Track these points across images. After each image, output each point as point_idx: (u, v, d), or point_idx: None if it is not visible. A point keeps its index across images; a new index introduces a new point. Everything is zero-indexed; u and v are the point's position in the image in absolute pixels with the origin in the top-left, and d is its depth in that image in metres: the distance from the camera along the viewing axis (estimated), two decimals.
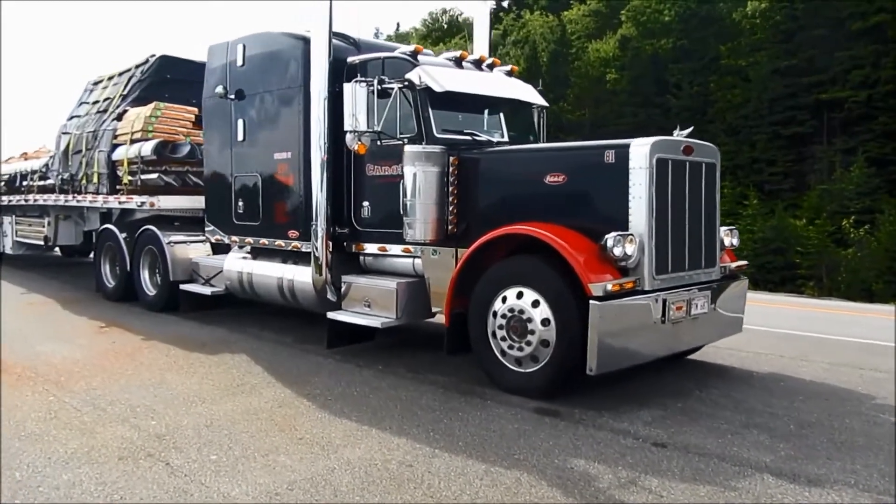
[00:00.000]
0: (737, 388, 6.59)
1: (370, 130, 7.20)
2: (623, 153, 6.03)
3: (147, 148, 10.76)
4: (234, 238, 9.29)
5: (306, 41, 8.06)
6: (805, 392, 6.49)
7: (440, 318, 7.55)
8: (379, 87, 7.19)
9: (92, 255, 13.73)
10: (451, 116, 7.61)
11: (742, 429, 5.41)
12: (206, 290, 9.86)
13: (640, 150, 5.97)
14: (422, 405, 5.96)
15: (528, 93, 8.27)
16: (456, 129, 7.57)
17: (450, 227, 7.09)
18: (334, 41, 7.85)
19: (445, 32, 76.60)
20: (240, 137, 8.99)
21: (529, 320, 6.06)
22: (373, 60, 7.80)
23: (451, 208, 7.08)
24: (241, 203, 9.09)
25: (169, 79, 12.35)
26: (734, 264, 7.26)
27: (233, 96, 8.99)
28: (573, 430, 5.36)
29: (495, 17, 72.74)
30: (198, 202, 11.05)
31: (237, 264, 9.35)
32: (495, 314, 6.34)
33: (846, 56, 36.39)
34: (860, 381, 6.92)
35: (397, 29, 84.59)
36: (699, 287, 6.54)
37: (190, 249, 10.60)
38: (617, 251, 5.78)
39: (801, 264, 31.29)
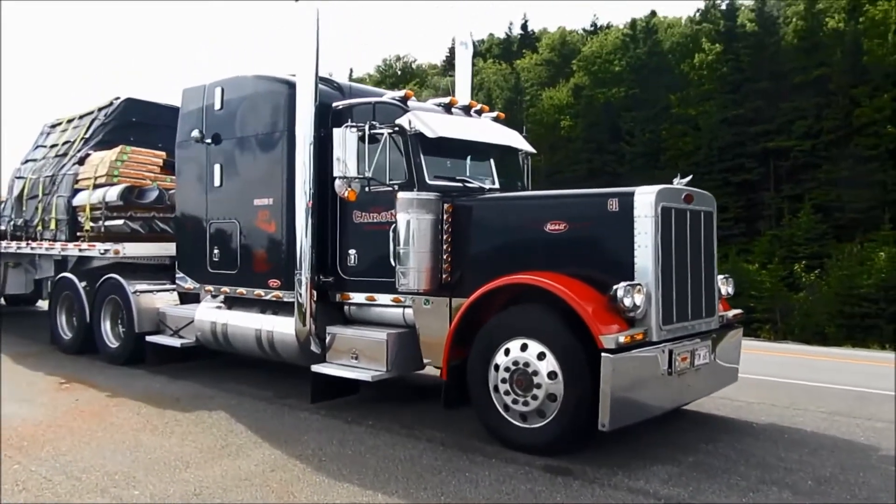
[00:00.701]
0: (742, 440, 6.44)
1: (360, 177, 6.98)
2: (628, 202, 5.93)
3: (113, 193, 10.28)
4: (209, 287, 8.86)
5: (290, 85, 7.85)
6: (810, 444, 6.38)
7: (428, 370, 7.33)
8: (369, 133, 7.00)
9: (41, 305, 13.04)
10: (441, 162, 7.45)
11: (760, 485, 5.24)
12: (175, 342, 9.36)
13: (646, 199, 5.88)
14: (424, 465, 5.63)
15: (515, 139, 8.19)
16: (447, 175, 7.41)
17: (444, 276, 6.85)
18: (319, 85, 7.66)
19: (399, 78, 77.60)
20: (216, 183, 8.65)
21: (535, 373, 5.83)
22: (360, 105, 7.63)
23: (445, 256, 6.86)
24: (216, 250, 8.70)
25: (134, 122, 11.94)
26: (731, 313, 7.19)
27: (209, 140, 8.68)
28: (589, 490, 5.10)
29: (448, 65, 74.35)
30: (165, 249, 10.61)
31: (210, 314, 8.91)
32: (497, 367, 6.09)
33: (790, 107, 37.95)
34: (860, 432, 6.85)
35: (350, 75, 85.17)
36: (701, 337, 6.43)
37: (156, 299, 10.09)
38: (627, 301, 5.62)
39: (756, 308, 31.91)
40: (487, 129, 7.95)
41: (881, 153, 34.71)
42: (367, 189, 7.13)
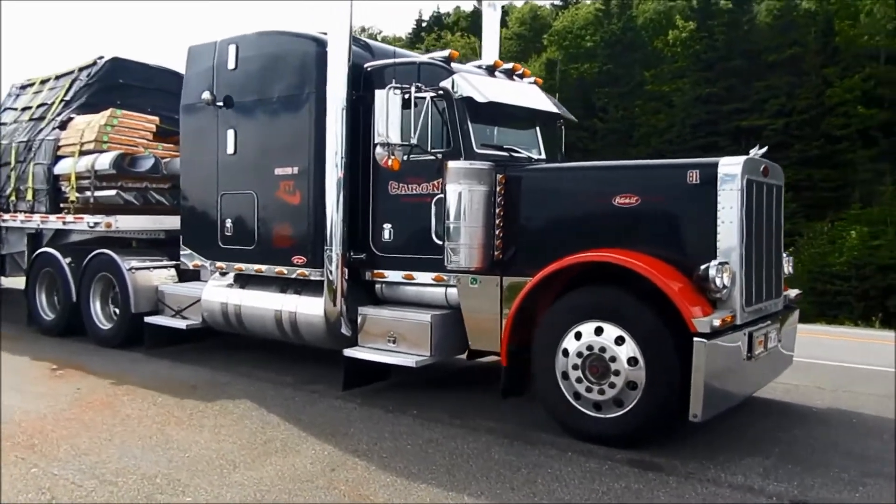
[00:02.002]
0: (815, 427, 6.09)
1: (405, 144, 6.36)
2: (711, 173, 5.45)
3: (104, 161, 9.42)
4: (220, 264, 8.14)
5: (319, 42, 7.16)
6: (883, 429, 6.05)
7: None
8: (417, 96, 6.38)
9: (16, 283, 12.10)
10: (485, 130, 6.88)
11: (865, 478, 4.86)
12: (180, 324, 8.63)
13: (731, 171, 5.40)
14: (498, 461, 5.12)
15: (557, 105, 7.63)
16: (493, 144, 6.84)
17: (496, 254, 6.31)
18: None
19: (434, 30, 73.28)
20: (229, 150, 7.91)
21: (613, 359, 5.35)
22: (397, 66, 6.97)
23: (497, 232, 6.31)
24: (229, 224, 7.99)
25: (121, 84, 11.00)
26: (792, 293, 6.82)
27: (221, 103, 7.92)
28: (690, 487, 4.67)
29: (416, 37, 72.95)
30: (159, 223, 9.88)
31: (220, 294, 8.22)
32: (566, 352, 5.60)
33: (763, 86, 38.11)
34: None
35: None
36: (770, 319, 6.05)
37: (154, 276, 9.34)
38: (718, 281, 5.17)
39: None
40: (533, 95, 7.38)
41: (851, 133, 35.22)
42: (405, 158, 6.51)
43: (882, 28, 37.53)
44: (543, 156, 7.34)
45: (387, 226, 7.00)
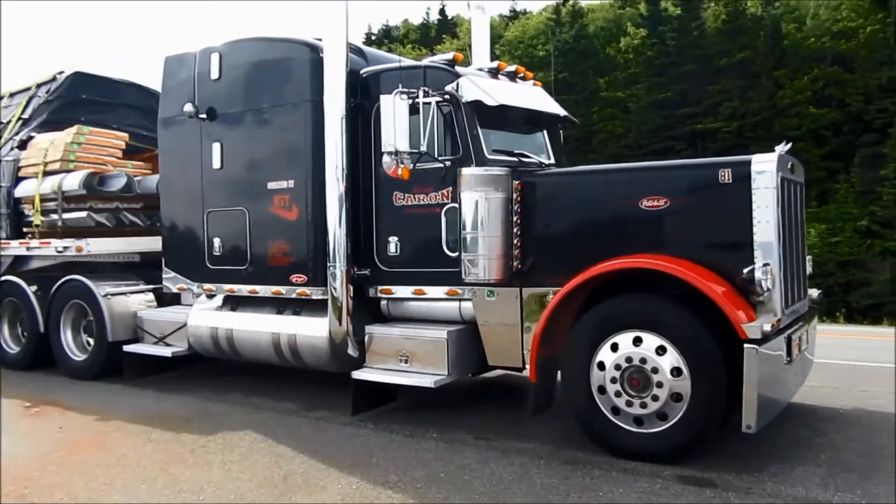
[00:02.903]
0: (851, 429, 5.92)
1: (414, 151, 6.01)
2: (744, 171, 5.22)
3: (72, 181, 8.81)
4: (209, 286, 7.63)
5: (313, 48, 6.77)
6: None
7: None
8: (423, 101, 6.04)
9: None
10: (493, 135, 6.55)
11: None
12: (165, 351, 8.07)
13: (766, 167, 5.18)
14: (543, 486, 4.78)
15: (560, 108, 7.37)
16: (503, 149, 6.52)
17: (515, 264, 5.99)
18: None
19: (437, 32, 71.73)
20: (215, 165, 7.43)
21: (655, 370, 5.07)
22: (394, 71, 6.62)
23: (515, 241, 5.99)
24: (217, 244, 7.49)
25: (84, 99, 10.38)
26: (814, 293, 6.65)
27: (204, 116, 7.44)
28: (750, 501, 4.40)
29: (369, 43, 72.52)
30: (135, 245, 9.31)
31: (209, 318, 7.70)
32: (602, 365, 5.30)
33: (716, 90, 38.81)
34: None
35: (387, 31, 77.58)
36: (801, 320, 5.86)
37: (131, 302, 8.76)
38: (764, 284, 4.93)
39: None
40: (539, 97, 7.11)
41: (804, 133, 36.06)
42: (412, 166, 6.15)
43: (827, 31, 38.74)
44: (552, 160, 7.07)
45: (392, 239, 6.62)
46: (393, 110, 5.90)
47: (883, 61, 35.16)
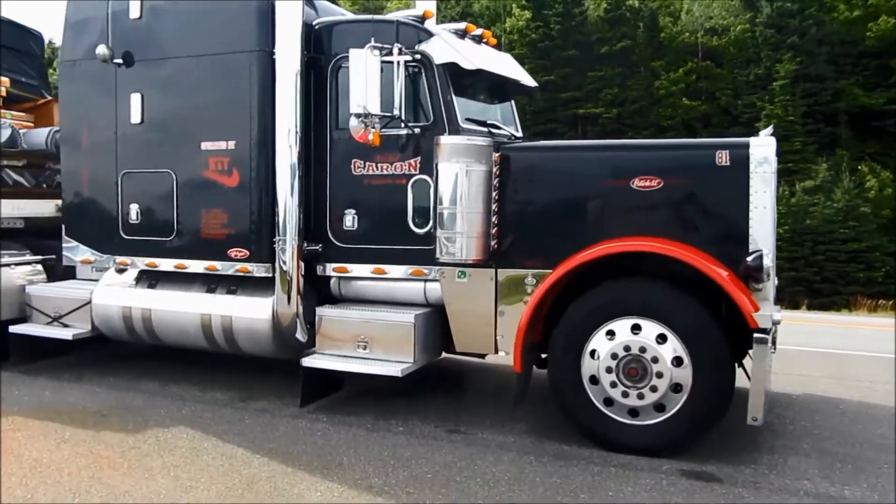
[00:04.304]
0: (808, 415, 6.00)
1: (387, 115, 5.39)
2: (742, 154, 5.01)
3: None
4: (123, 259, 6.60)
5: None
6: (880, 416, 6.07)
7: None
8: (398, 59, 5.43)
9: None
10: (464, 103, 6.02)
11: None
12: (64, 334, 6.94)
13: (765, 152, 5.00)
14: (545, 485, 4.41)
15: (530, 78, 6.95)
16: (473, 118, 6.02)
17: (493, 243, 5.54)
18: None
19: None
20: (134, 119, 6.39)
21: (655, 360, 4.81)
22: (358, 24, 5.96)
23: (493, 219, 5.53)
24: (134, 211, 6.47)
25: None
26: None
27: (120, 61, 6.38)
28: (766, 497, 4.24)
29: None
30: (19, 208, 7.96)
31: (121, 296, 6.70)
32: (594, 354, 4.98)
33: (597, 76, 39.98)
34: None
35: None
36: None
37: (16, 275, 7.51)
38: (771, 272, 4.78)
39: None
40: (510, 64, 6.63)
41: (677, 123, 37.99)
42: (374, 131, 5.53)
43: (700, 26, 40.86)
44: (519, 133, 6.65)
45: (350, 212, 5.97)
46: (364, 67, 5.25)
47: (751, 59, 37.61)
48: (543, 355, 5.54)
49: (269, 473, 4.56)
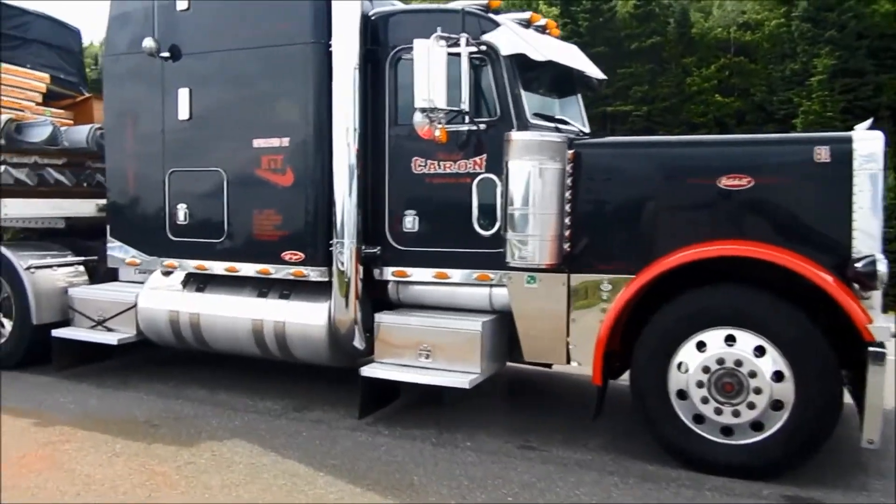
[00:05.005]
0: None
1: (454, 109, 5.06)
2: (844, 150, 4.59)
3: None
4: (171, 262, 6.33)
5: None
6: None
7: None
8: (467, 51, 5.09)
9: None
10: (530, 97, 5.66)
11: None
12: (109, 338, 6.69)
13: (871, 147, 4.58)
14: None
15: (598, 70, 6.56)
16: (541, 113, 5.66)
17: (566, 246, 5.17)
18: None
19: None
20: (182, 115, 6.12)
21: (753, 374, 4.42)
22: (420, 14, 5.64)
23: (566, 220, 5.16)
24: (182, 211, 6.20)
25: None
26: None
27: (167, 55, 6.10)
28: None
29: None
30: (60, 208, 7.74)
31: (168, 300, 6.43)
32: (683, 367, 4.60)
33: (627, 73, 39.29)
34: None
35: None
36: None
37: (58, 277, 7.29)
38: (885, 278, 4.37)
39: None
40: (577, 56, 6.25)
41: (709, 121, 37.22)
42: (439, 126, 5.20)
43: (733, 21, 40.03)
44: (587, 129, 6.28)
45: (410, 213, 5.64)
46: (428, 59, 4.92)
47: (786, 54, 36.73)
48: (618, 364, 5.20)
49: (337, 495, 4.25)
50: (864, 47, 35.01)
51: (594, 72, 6.31)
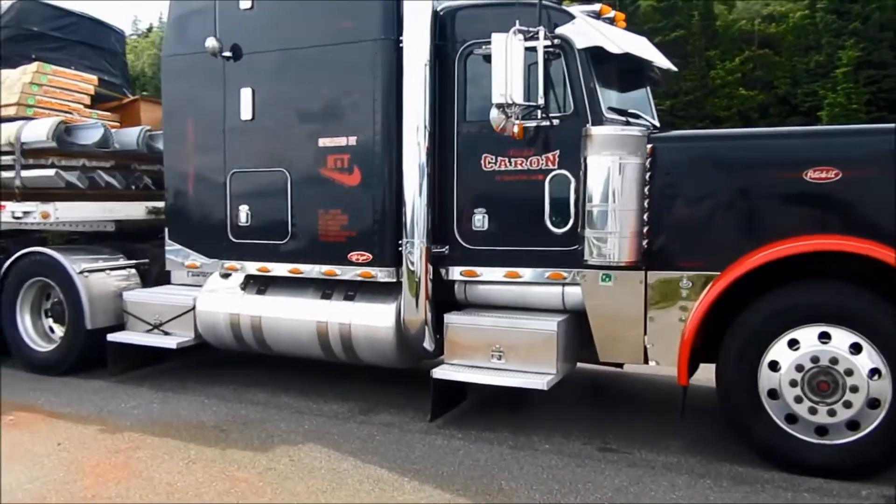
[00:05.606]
0: None
1: (532, 104, 4.96)
2: None
3: (38, 130, 7.08)
4: (232, 264, 6.27)
5: None
6: None
7: None
8: (544, 45, 4.98)
9: None
10: (603, 90, 5.53)
11: None
12: (167, 342, 6.65)
13: None
14: None
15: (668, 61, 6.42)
16: (614, 107, 5.54)
17: (644, 243, 5.05)
18: None
19: None
20: (244, 115, 6.05)
21: (849, 372, 4.29)
22: (493, 7, 5.53)
23: (645, 216, 5.04)
24: (244, 212, 6.14)
25: (35, 33, 8.54)
26: None
27: (229, 54, 6.04)
28: None
29: None
30: (111, 211, 7.71)
31: (228, 302, 6.37)
32: (775, 366, 4.48)
33: None
34: None
35: None
36: None
37: (113, 281, 7.25)
38: None
39: None
40: (647, 47, 6.11)
41: (733, 114, 36.85)
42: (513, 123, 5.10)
43: (757, 14, 39.64)
44: (657, 122, 6.16)
45: (479, 211, 5.54)
46: (506, 53, 4.81)
47: (810, 46, 36.32)
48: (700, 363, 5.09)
49: (429, 499, 4.15)
50: (887, 39, 34.56)
51: (666, 64, 6.17)
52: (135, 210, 7.80)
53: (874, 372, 4.25)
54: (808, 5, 37.19)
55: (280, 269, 6.04)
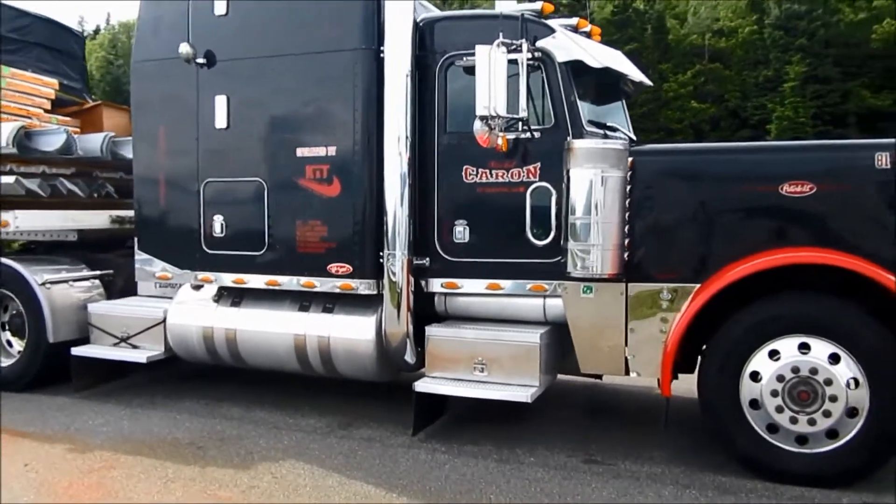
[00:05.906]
0: None
1: (514, 117, 4.98)
2: None
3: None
4: (206, 275, 6.12)
5: None
6: None
7: None
8: (526, 57, 5.00)
9: None
10: (582, 105, 5.59)
11: None
12: (138, 357, 6.44)
13: None
14: None
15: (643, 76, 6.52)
16: (593, 120, 5.59)
17: (626, 255, 5.11)
18: None
19: None
20: (219, 124, 5.93)
21: (829, 382, 4.40)
22: (472, 20, 5.57)
23: (626, 228, 5.10)
24: (219, 223, 5.99)
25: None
26: None
27: (203, 60, 5.91)
28: None
29: None
30: (74, 220, 7.45)
31: (201, 315, 6.22)
32: (756, 376, 4.57)
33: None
34: None
35: None
36: None
37: (76, 292, 7.01)
38: None
39: None
40: (624, 61, 6.19)
41: (685, 127, 37.71)
42: (496, 135, 5.12)
43: (707, 28, 40.71)
44: (633, 135, 6.24)
45: (461, 223, 5.52)
46: (489, 65, 4.82)
47: (759, 61, 37.45)
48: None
49: None
50: (831, 55, 35.88)
51: (642, 78, 6.27)
52: (98, 219, 7.55)
53: (852, 381, 4.37)
54: (757, 21, 38.37)
55: (256, 281, 5.92)
